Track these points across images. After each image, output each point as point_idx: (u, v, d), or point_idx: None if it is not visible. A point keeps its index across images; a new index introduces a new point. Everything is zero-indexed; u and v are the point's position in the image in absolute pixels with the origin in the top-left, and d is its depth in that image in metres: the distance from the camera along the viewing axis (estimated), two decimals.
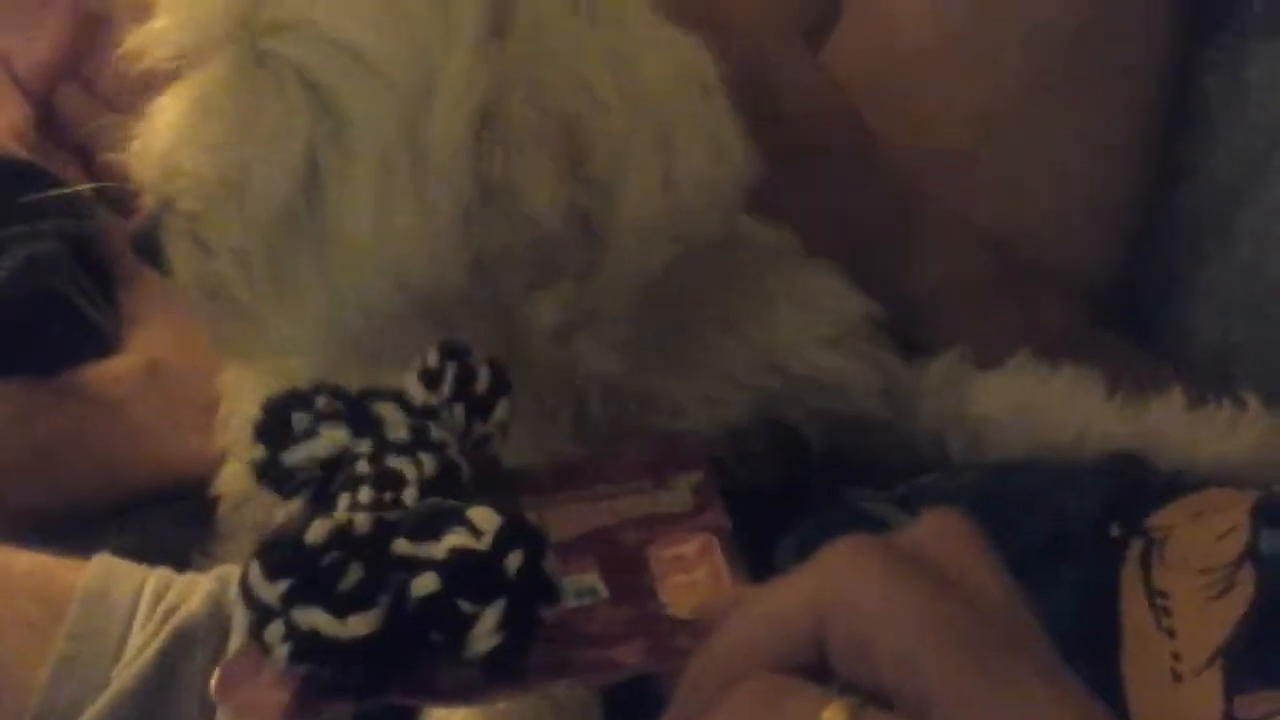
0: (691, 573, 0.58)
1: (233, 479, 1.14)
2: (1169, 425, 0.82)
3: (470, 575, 0.52)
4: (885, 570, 0.44)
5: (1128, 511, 0.70)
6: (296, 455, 0.60)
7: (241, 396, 1.11)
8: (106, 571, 0.94)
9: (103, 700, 0.86)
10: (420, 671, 0.53)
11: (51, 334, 1.21)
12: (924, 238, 0.92)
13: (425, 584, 0.52)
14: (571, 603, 0.55)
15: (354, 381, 0.78)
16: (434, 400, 0.64)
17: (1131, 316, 1.04)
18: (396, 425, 0.62)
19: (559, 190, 0.70)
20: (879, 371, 0.84)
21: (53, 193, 1.27)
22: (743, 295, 0.83)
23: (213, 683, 0.54)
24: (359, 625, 0.51)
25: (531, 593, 0.53)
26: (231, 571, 0.96)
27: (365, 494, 0.57)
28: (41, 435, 1.17)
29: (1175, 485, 0.74)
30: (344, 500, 0.57)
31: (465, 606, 0.52)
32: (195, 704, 0.87)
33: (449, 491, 0.59)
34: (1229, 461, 0.80)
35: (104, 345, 1.24)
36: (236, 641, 0.74)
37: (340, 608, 0.51)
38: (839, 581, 0.44)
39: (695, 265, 0.79)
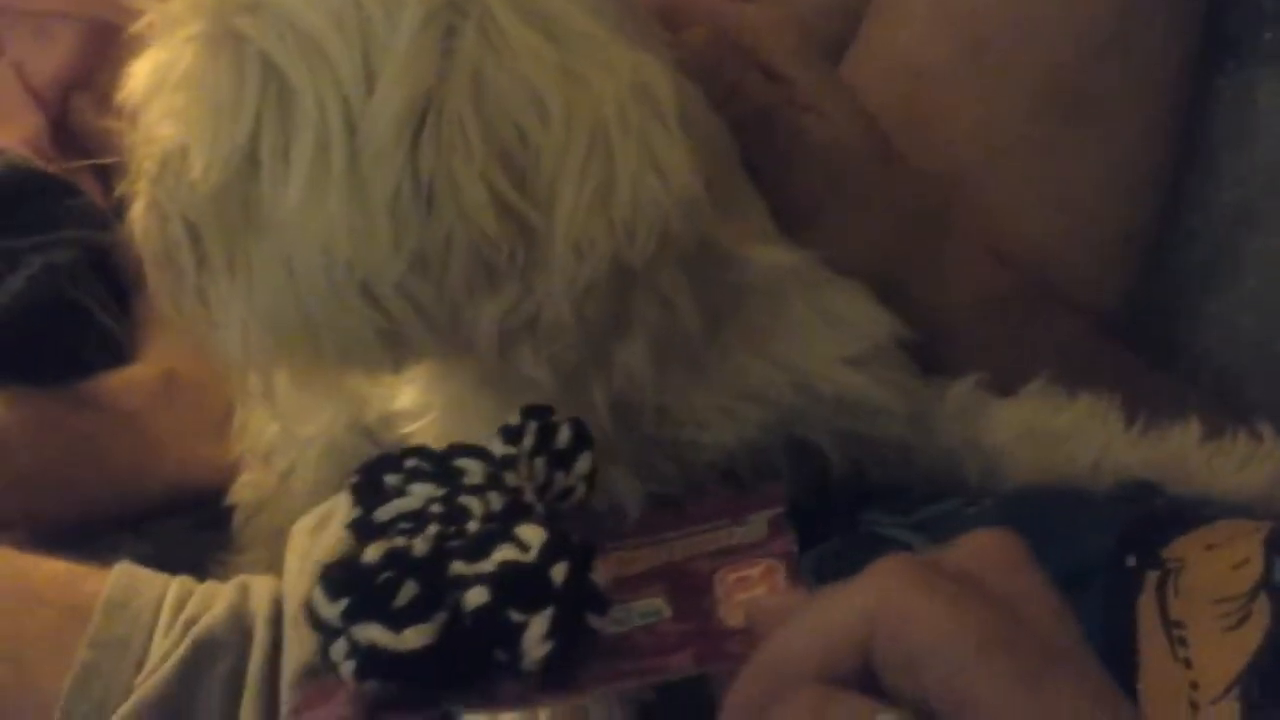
0: (752, 591, 0.59)
1: (247, 488, 1.15)
2: (1185, 456, 0.82)
3: (518, 586, 0.55)
4: (934, 586, 0.44)
5: (1144, 542, 0.71)
6: (387, 512, 0.62)
7: (257, 407, 1.12)
8: (128, 580, 0.94)
9: (125, 708, 0.87)
10: (481, 683, 0.56)
11: (69, 343, 1.22)
12: (951, 258, 0.92)
13: (476, 596, 0.55)
14: (636, 622, 0.58)
15: (297, 372, 0.80)
16: (514, 452, 0.67)
17: (1141, 344, 1.05)
18: (474, 473, 0.64)
19: (493, 189, 0.70)
20: (903, 394, 0.85)
21: (69, 202, 1.29)
22: (768, 313, 0.83)
23: (285, 710, 0.57)
24: (415, 638, 0.54)
25: (579, 602, 0.55)
26: (251, 580, 0.97)
27: (432, 528, 0.60)
28: (59, 444, 1.18)
29: (1190, 515, 0.74)
30: (420, 542, 0.60)
31: (515, 616, 0.55)
32: (217, 713, 0.88)
33: None
34: (1244, 493, 0.80)
35: (120, 355, 1.25)
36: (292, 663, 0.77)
37: (397, 622, 0.54)
38: (888, 596, 0.45)
39: (717, 280, 0.80)
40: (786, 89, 0.88)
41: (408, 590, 0.55)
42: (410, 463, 0.65)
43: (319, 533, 0.99)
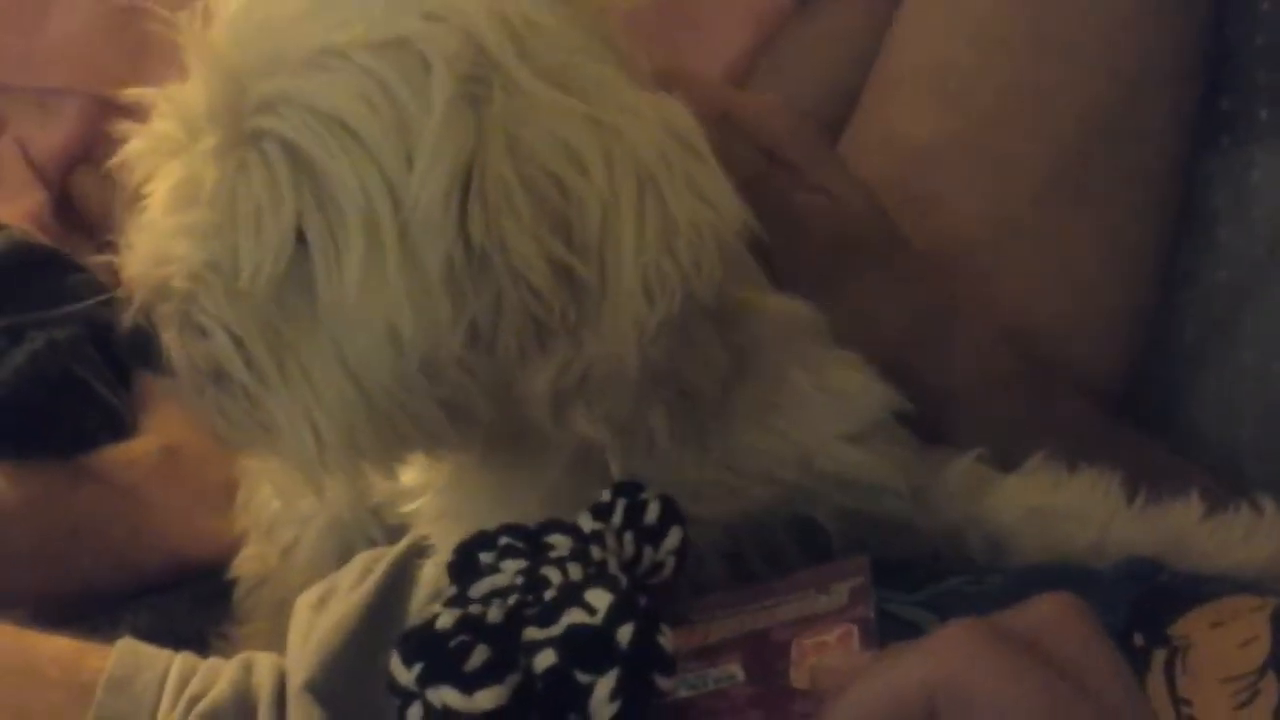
0: (826, 655, 0.60)
1: (250, 562, 1.15)
2: (1187, 531, 0.82)
3: (585, 648, 0.57)
4: (999, 654, 0.45)
5: (1150, 620, 0.71)
6: (480, 589, 0.63)
7: (259, 482, 1.12)
8: (130, 656, 0.94)
9: None
10: None
11: (70, 418, 1.22)
12: (957, 340, 0.93)
13: (545, 659, 0.57)
14: (710, 688, 0.60)
15: (374, 455, 0.79)
16: (601, 528, 0.68)
17: (1138, 419, 1.05)
18: (561, 547, 0.66)
19: (542, 246, 0.71)
20: (904, 470, 0.85)
21: (71, 277, 1.30)
22: (770, 387, 0.83)
23: None
24: (486, 699, 0.56)
25: (645, 663, 0.57)
26: (254, 657, 0.97)
27: (512, 597, 0.62)
28: (60, 518, 1.18)
29: (1193, 592, 0.74)
30: (494, 609, 0.61)
31: (582, 677, 0.57)
32: None
33: None
34: (1247, 568, 0.80)
35: (121, 429, 1.25)
36: None
37: (469, 685, 0.57)
38: (952, 662, 0.45)
39: (724, 342, 0.81)
40: (793, 174, 0.88)
41: (480, 654, 0.57)
42: (503, 540, 0.67)
43: (321, 608, 0.99)
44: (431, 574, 0.92)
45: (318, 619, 0.97)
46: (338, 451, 0.75)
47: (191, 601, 1.19)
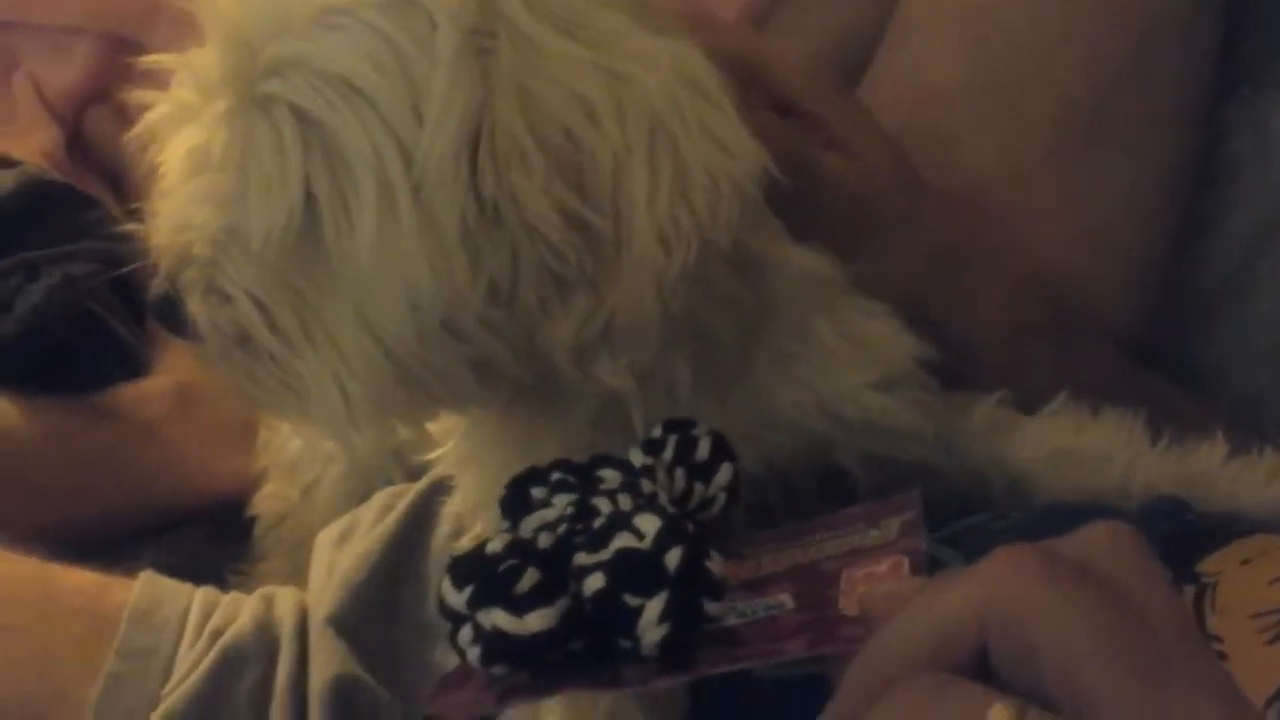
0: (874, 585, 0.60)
1: (270, 500, 1.16)
2: (1212, 472, 0.83)
3: (633, 572, 0.57)
4: (1052, 577, 0.44)
5: (1178, 557, 0.72)
6: (530, 524, 0.63)
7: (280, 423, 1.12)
8: (152, 590, 0.95)
9: (154, 719, 0.87)
10: (604, 667, 0.58)
11: (87, 355, 1.22)
12: (978, 288, 0.92)
13: (594, 582, 0.58)
14: (760, 615, 0.59)
15: (403, 414, 0.80)
16: (652, 463, 0.68)
17: (1156, 367, 1.05)
18: (611, 481, 0.66)
19: (555, 199, 0.70)
20: (929, 416, 0.85)
21: (86, 214, 1.30)
22: (794, 337, 0.83)
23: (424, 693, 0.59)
24: (537, 622, 0.57)
25: (694, 586, 0.57)
26: (275, 591, 0.98)
27: (562, 527, 0.62)
28: (77, 455, 1.18)
29: (1222, 530, 0.75)
30: (544, 534, 0.62)
31: (630, 600, 0.57)
32: None
33: None
34: (1271, 507, 0.81)
35: (136, 368, 1.26)
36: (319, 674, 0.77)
37: (519, 607, 0.57)
38: (1005, 586, 0.44)
39: (741, 298, 0.80)
40: (813, 126, 0.88)
41: (530, 577, 0.58)
42: (555, 475, 0.66)
43: (343, 544, 0.99)
44: (451, 511, 0.93)
45: (340, 554, 0.98)
46: (366, 411, 0.75)
47: (210, 538, 1.20)
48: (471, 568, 0.58)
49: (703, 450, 0.70)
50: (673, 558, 0.57)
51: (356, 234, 0.71)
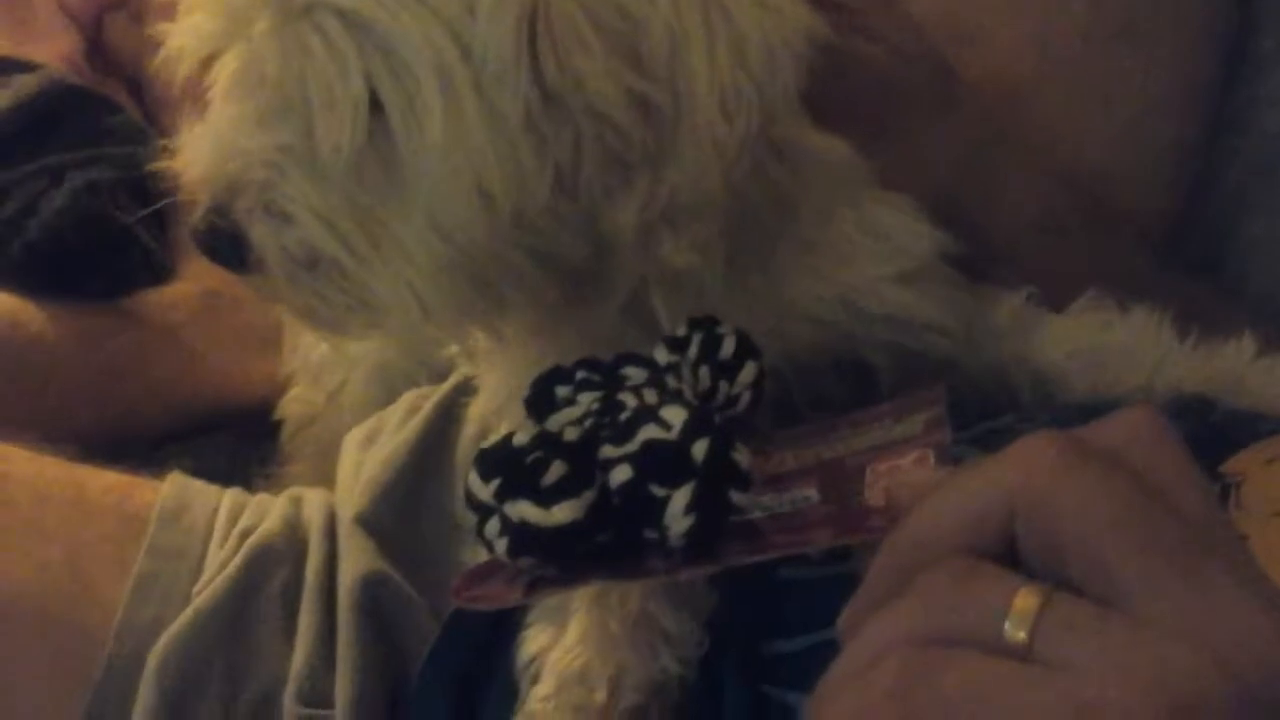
0: (900, 477, 0.60)
1: (296, 403, 1.16)
2: (1239, 371, 0.82)
3: (660, 462, 0.58)
4: (1078, 464, 0.44)
5: (1202, 457, 0.71)
6: (557, 422, 0.64)
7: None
8: (181, 490, 0.96)
9: (184, 618, 0.88)
10: (631, 559, 0.58)
11: (111, 259, 1.22)
12: (1010, 180, 0.92)
13: (621, 473, 0.58)
14: (785, 509, 0.60)
15: (476, 317, 0.79)
16: (677, 360, 0.68)
17: (1181, 265, 1.05)
18: (636, 378, 0.66)
19: (616, 78, 0.70)
20: (953, 309, 0.84)
21: (109, 119, 1.30)
22: (817, 229, 0.82)
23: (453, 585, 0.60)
24: (563, 513, 0.57)
25: (720, 477, 0.58)
26: (303, 492, 0.99)
27: (589, 421, 0.62)
28: (104, 358, 1.19)
29: (1247, 430, 0.74)
30: (570, 429, 0.62)
31: (657, 490, 0.57)
32: (275, 624, 0.89)
33: None
34: None
35: (160, 273, 1.26)
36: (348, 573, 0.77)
37: (545, 499, 0.57)
38: (1033, 471, 0.44)
39: (764, 185, 0.80)
40: (844, 14, 0.87)
41: (556, 469, 0.58)
42: (580, 374, 0.67)
43: (369, 445, 1.00)
44: (476, 412, 0.93)
45: (366, 455, 0.98)
46: (442, 315, 0.75)
47: (237, 441, 1.21)
48: (498, 460, 0.59)
49: (727, 348, 0.70)
50: (699, 448, 0.58)
51: (424, 133, 0.70)
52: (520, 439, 0.59)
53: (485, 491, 0.58)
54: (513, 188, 0.71)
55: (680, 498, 0.57)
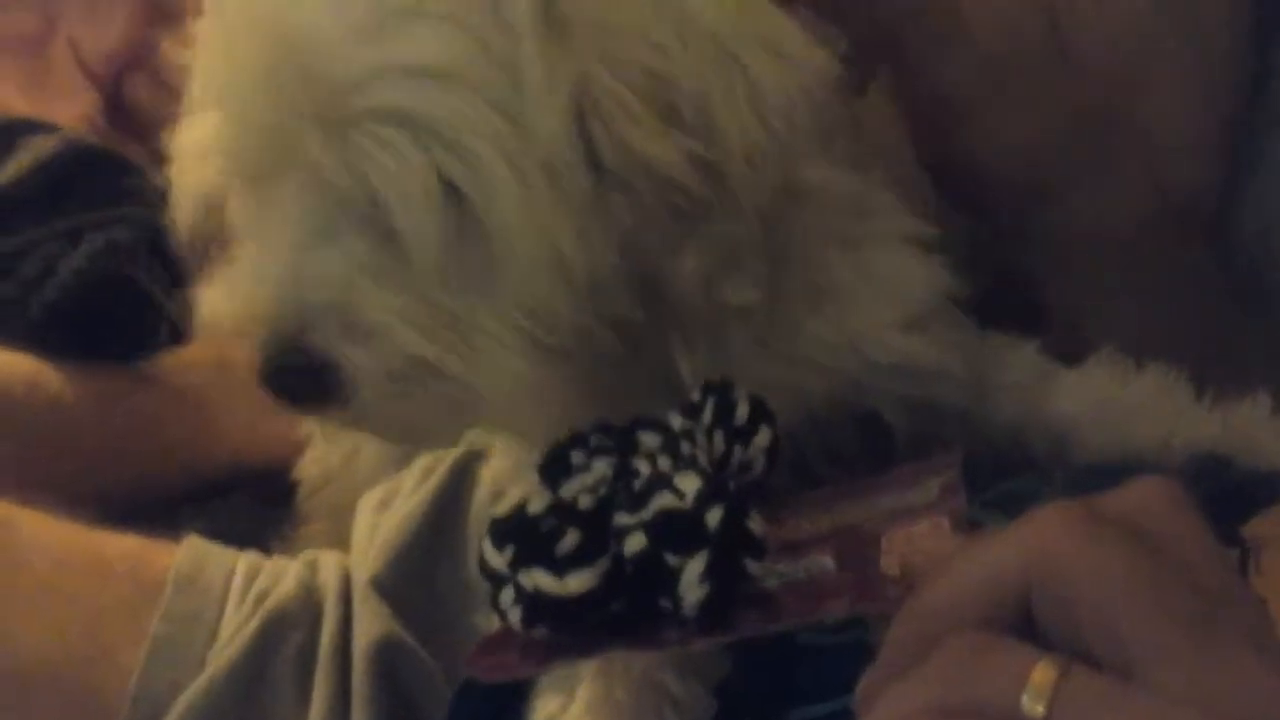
0: (916, 544, 0.60)
1: (312, 464, 1.16)
2: (1256, 429, 0.81)
3: (674, 531, 0.58)
4: (1093, 533, 0.44)
5: (1220, 518, 0.71)
6: (570, 488, 0.63)
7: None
8: (197, 554, 0.96)
9: (199, 682, 0.88)
10: (646, 628, 0.58)
11: (128, 320, 1.22)
12: (1113, 166, 0.88)
13: (635, 542, 0.58)
14: (800, 576, 0.60)
15: (561, 397, 0.77)
16: (690, 426, 0.68)
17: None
18: (651, 442, 0.66)
19: (665, 140, 0.70)
20: (962, 355, 0.84)
21: (126, 180, 1.30)
22: (820, 270, 0.82)
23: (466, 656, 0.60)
24: (578, 583, 0.57)
25: (735, 546, 0.58)
26: (319, 555, 0.98)
27: (602, 488, 0.62)
28: (121, 420, 1.19)
29: (1265, 491, 0.74)
30: (584, 496, 0.62)
31: (671, 560, 0.57)
32: (290, 688, 0.89)
33: None
34: None
35: (177, 334, 1.26)
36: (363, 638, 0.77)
37: (560, 568, 0.57)
38: (1049, 543, 0.44)
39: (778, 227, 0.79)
40: None
41: (571, 538, 0.58)
42: (594, 440, 0.67)
43: (385, 508, 1.00)
44: (490, 475, 0.93)
45: (381, 519, 0.98)
46: (540, 395, 0.75)
47: (253, 504, 1.21)
48: (512, 528, 0.59)
49: (741, 413, 0.70)
50: (713, 516, 0.58)
51: (502, 214, 0.70)
52: (534, 507, 0.59)
53: (499, 560, 0.58)
54: (588, 259, 0.72)
55: (694, 567, 0.57)
